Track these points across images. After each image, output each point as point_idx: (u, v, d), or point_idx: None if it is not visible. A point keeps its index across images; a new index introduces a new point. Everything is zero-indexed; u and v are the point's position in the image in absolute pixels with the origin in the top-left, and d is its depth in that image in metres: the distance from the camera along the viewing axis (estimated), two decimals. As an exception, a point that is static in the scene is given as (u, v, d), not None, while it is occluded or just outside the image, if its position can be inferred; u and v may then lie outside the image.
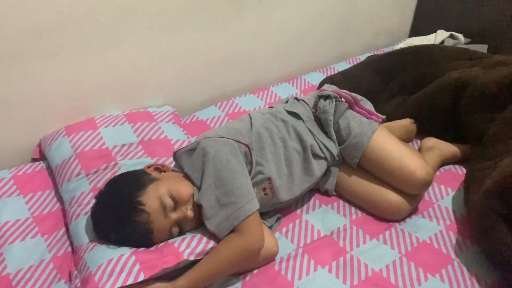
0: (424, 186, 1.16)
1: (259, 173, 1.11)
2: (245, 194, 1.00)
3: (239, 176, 1.03)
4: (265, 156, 1.13)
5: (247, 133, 1.15)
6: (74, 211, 1.11)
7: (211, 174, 1.02)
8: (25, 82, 1.28)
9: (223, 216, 0.98)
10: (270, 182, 1.12)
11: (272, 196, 1.13)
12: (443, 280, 1.00)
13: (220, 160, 1.03)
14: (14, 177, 1.27)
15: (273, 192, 1.13)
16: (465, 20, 2.04)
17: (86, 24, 1.31)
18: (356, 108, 1.27)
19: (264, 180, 1.11)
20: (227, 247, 0.97)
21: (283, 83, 1.87)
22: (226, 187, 1.00)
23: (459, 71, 1.43)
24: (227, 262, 0.96)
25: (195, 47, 1.59)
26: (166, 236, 0.99)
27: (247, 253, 0.98)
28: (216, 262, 0.96)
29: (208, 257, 0.97)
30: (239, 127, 1.17)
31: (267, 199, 1.13)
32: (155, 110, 1.52)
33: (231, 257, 0.96)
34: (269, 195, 1.13)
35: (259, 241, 0.99)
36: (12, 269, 1.02)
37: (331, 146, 1.23)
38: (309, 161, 1.18)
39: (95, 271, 0.90)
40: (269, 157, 1.13)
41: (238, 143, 1.10)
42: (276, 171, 1.13)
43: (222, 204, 0.99)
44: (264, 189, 1.12)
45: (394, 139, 1.23)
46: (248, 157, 1.11)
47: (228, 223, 0.98)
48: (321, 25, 1.94)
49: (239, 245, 0.97)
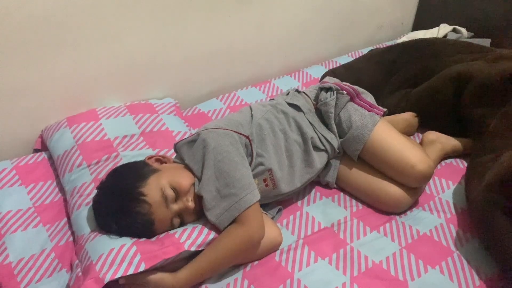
0: (424, 179, 1.16)
1: (259, 165, 1.11)
2: (245, 185, 1.00)
3: (239, 167, 1.03)
4: (266, 147, 1.13)
5: (248, 125, 1.15)
6: (76, 201, 1.11)
7: (211, 166, 1.02)
8: (27, 73, 1.28)
9: (223, 207, 0.99)
10: (271, 173, 1.12)
11: (273, 187, 1.13)
12: (443, 272, 1.00)
13: (220, 152, 1.03)
14: (16, 167, 1.27)
15: (274, 183, 1.13)
16: (468, 14, 2.02)
17: (88, 15, 1.31)
18: (357, 100, 1.27)
19: (264, 171, 1.11)
20: (228, 238, 0.97)
21: (285, 76, 1.86)
22: (226, 179, 1.00)
23: (462, 65, 1.42)
24: (228, 253, 0.97)
25: (197, 39, 1.58)
26: (167, 227, 1.00)
27: (248, 244, 0.98)
28: (217, 253, 0.96)
29: (209, 248, 0.97)
30: (240, 118, 1.17)
31: (268, 191, 1.13)
32: (156, 102, 1.52)
33: (232, 247, 0.96)
34: (270, 186, 1.13)
35: (260, 231, 1.00)
36: (14, 258, 1.03)
37: (332, 138, 1.22)
38: (310, 153, 1.18)
39: (96, 261, 0.90)
40: (270, 148, 1.13)
41: (238, 135, 1.10)
42: (277, 162, 1.14)
43: (223, 195, 0.99)
44: (265, 180, 1.12)
45: (395, 132, 1.23)
46: (249, 148, 1.11)
47: (228, 214, 0.98)
48: (323, 19, 1.93)
49: (239, 236, 0.97)
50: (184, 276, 0.94)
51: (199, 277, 0.96)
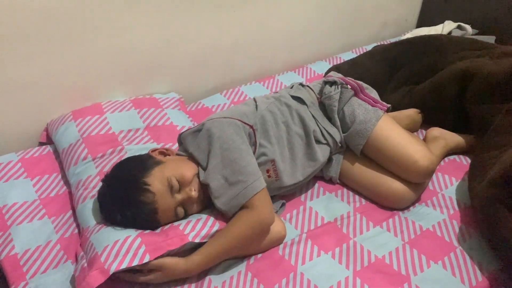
0: (427, 174, 1.17)
1: (262, 155, 1.12)
2: (252, 172, 1.02)
3: (245, 155, 1.04)
4: (269, 138, 1.14)
5: (252, 115, 1.16)
6: (81, 194, 1.12)
7: (218, 154, 1.03)
8: (32, 67, 1.29)
9: (232, 194, 1.00)
10: (274, 164, 1.13)
11: (275, 178, 1.14)
12: (445, 267, 1.00)
13: (226, 141, 1.04)
14: (22, 160, 1.28)
15: (277, 174, 1.13)
16: (473, 11, 2.02)
17: (93, 10, 1.31)
18: (361, 95, 1.27)
19: (267, 162, 1.12)
20: (240, 222, 0.99)
21: (289, 72, 1.86)
22: (233, 166, 1.01)
23: (466, 62, 1.42)
24: (241, 237, 0.98)
25: (201, 35, 1.59)
26: (172, 217, 1.01)
27: (259, 227, 1.00)
28: (229, 237, 0.98)
29: (221, 232, 0.99)
30: (244, 109, 1.18)
31: (271, 182, 1.14)
32: (161, 96, 1.53)
33: (244, 231, 0.98)
34: (273, 177, 1.13)
35: (270, 216, 1.01)
36: (19, 249, 1.04)
37: (334, 132, 1.23)
38: (312, 146, 1.18)
39: (101, 252, 0.91)
40: (273, 140, 1.14)
41: (242, 124, 1.11)
42: (279, 154, 1.14)
43: (230, 183, 1.01)
44: (268, 171, 1.13)
45: (398, 128, 1.23)
46: (252, 137, 1.12)
47: (237, 200, 0.99)
48: (328, 15, 1.93)
49: (251, 220, 0.99)
50: (197, 260, 0.96)
51: (211, 261, 0.98)
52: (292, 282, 0.97)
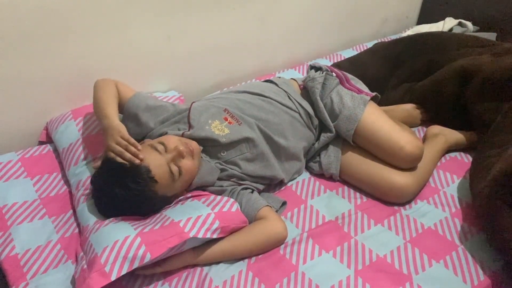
0: (414, 160, 1.19)
1: (212, 107, 1.20)
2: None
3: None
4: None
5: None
6: (82, 194, 1.12)
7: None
8: (32, 65, 1.28)
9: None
10: (228, 111, 1.19)
11: (238, 123, 1.17)
12: (447, 266, 1.00)
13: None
14: (22, 160, 1.28)
15: (236, 119, 1.18)
16: (474, 7, 2.01)
17: (93, 8, 1.31)
18: (346, 85, 1.32)
19: (220, 112, 1.19)
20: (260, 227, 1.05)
21: (290, 69, 1.86)
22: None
23: (467, 59, 1.41)
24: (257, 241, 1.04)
25: (201, 32, 1.58)
26: (168, 175, 1.03)
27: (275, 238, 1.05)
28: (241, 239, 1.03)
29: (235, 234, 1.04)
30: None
31: (236, 130, 1.16)
32: (161, 95, 1.52)
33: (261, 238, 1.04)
34: (234, 123, 1.17)
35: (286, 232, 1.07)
36: (20, 249, 1.04)
37: (306, 105, 1.28)
38: (268, 101, 1.25)
39: (100, 253, 0.91)
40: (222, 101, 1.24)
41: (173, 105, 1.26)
42: (229, 105, 1.21)
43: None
44: (226, 119, 1.17)
45: (385, 116, 1.26)
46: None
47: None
48: (328, 12, 1.92)
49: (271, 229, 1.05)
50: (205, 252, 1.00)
51: (220, 255, 1.01)
52: (293, 281, 0.97)
